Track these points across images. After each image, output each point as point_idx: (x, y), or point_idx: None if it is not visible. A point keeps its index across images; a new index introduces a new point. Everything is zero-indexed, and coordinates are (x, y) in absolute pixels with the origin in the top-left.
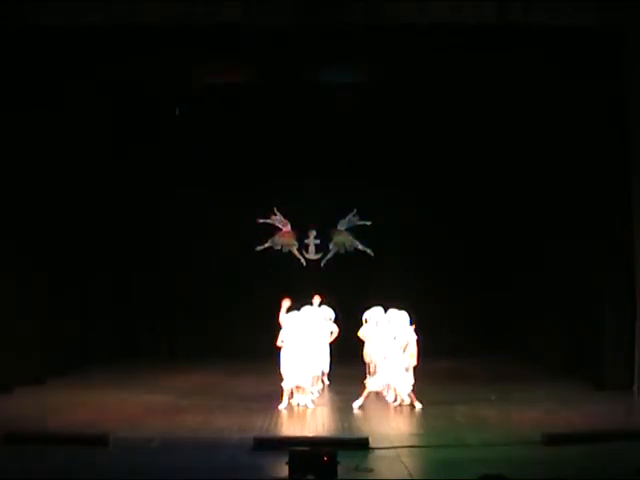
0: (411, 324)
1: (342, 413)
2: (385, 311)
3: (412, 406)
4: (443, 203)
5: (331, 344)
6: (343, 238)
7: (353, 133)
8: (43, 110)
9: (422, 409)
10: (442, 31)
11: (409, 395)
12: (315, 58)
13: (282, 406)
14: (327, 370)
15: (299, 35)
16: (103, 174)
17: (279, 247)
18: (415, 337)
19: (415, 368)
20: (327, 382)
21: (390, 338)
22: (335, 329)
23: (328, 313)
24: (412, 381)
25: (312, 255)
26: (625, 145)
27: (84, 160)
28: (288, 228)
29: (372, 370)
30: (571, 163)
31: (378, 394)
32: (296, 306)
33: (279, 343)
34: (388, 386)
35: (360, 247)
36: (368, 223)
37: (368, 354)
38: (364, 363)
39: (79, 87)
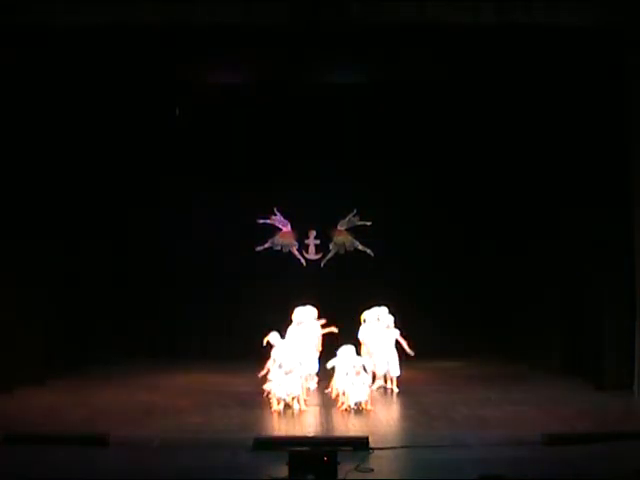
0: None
1: (342, 413)
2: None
3: (391, 390)
4: (444, 204)
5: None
6: (343, 238)
7: (353, 133)
8: (38, 110)
9: (422, 409)
10: (441, 31)
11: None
12: (315, 58)
13: (274, 409)
14: (315, 371)
15: (298, 35)
16: (102, 172)
17: (279, 247)
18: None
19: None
20: (316, 381)
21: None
22: (319, 330)
23: (313, 312)
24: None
25: (312, 255)
26: (625, 145)
27: (83, 160)
28: (288, 228)
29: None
30: (571, 162)
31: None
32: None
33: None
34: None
35: (360, 247)
36: (368, 223)
37: (366, 353)
38: None
39: (77, 87)
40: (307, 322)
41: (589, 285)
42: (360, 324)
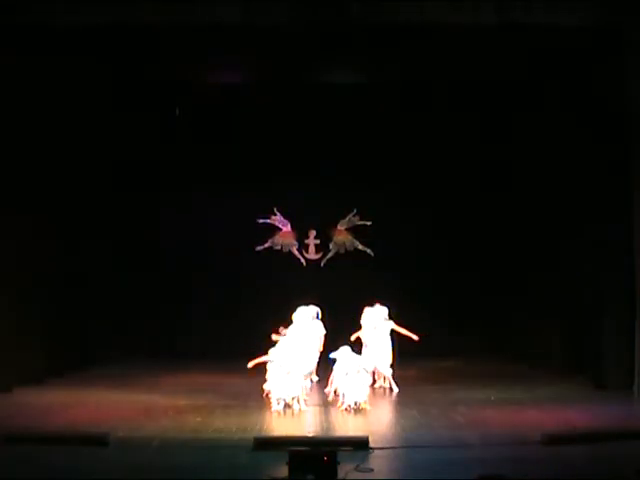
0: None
1: (341, 413)
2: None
3: (391, 389)
4: (444, 203)
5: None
6: (343, 238)
7: (353, 133)
8: (39, 110)
9: (422, 409)
10: (441, 31)
11: (388, 378)
12: (315, 58)
13: (274, 409)
14: (315, 371)
15: (298, 35)
16: (103, 172)
17: (279, 247)
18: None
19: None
20: (315, 379)
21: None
22: (322, 329)
23: (315, 311)
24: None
25: (312, 255)
26: (626, 147)
27: (84, 160)
28: (288, 228)
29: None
30: (571, 163)
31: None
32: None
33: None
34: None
35: (360, 247)
36: (368, 223)
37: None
38: None
39: (78, 87)
40: (307, 322)
41: (589, 285)
42: (359, 324)
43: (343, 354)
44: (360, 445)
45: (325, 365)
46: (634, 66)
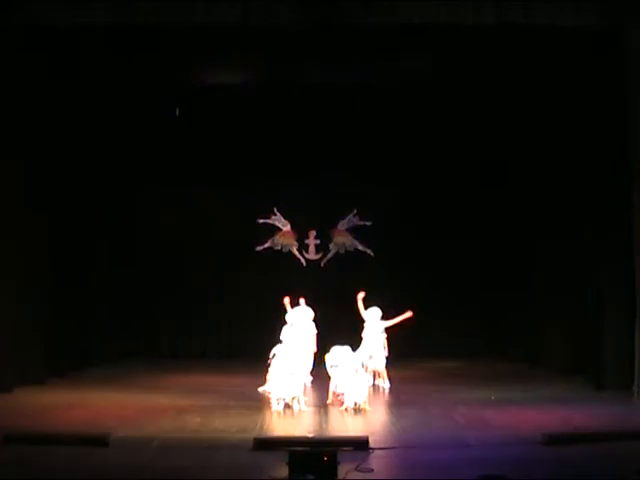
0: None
1: (341, 413)
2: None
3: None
4: (444, 203)
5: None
6: (343, 238)
7: (353, 133)
8: (40, 110)
9: (422, 409)
10: (441, 31)
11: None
12: (315, 58)
13: (274, 409)
14: (311, 370)
15: (298, 35)
16: (102, 172)
17: (279, 247)
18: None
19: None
20: (310, 379)
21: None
22: (314, 329)
23: (309, 313)
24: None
25: (312, 255)
26: (626, 146)
27: (84, 161)
28: (288, 228)
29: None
30: (571, 163)
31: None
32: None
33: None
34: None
35: (360, 247)
36: (368, 223)
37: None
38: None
39: (78, 87)
40: (303, 322)
41: (589, 285)
42: (360, 324)
43: (339, 355)
44: (360, 445)
45: (323, 365)
46: (634, 66)
